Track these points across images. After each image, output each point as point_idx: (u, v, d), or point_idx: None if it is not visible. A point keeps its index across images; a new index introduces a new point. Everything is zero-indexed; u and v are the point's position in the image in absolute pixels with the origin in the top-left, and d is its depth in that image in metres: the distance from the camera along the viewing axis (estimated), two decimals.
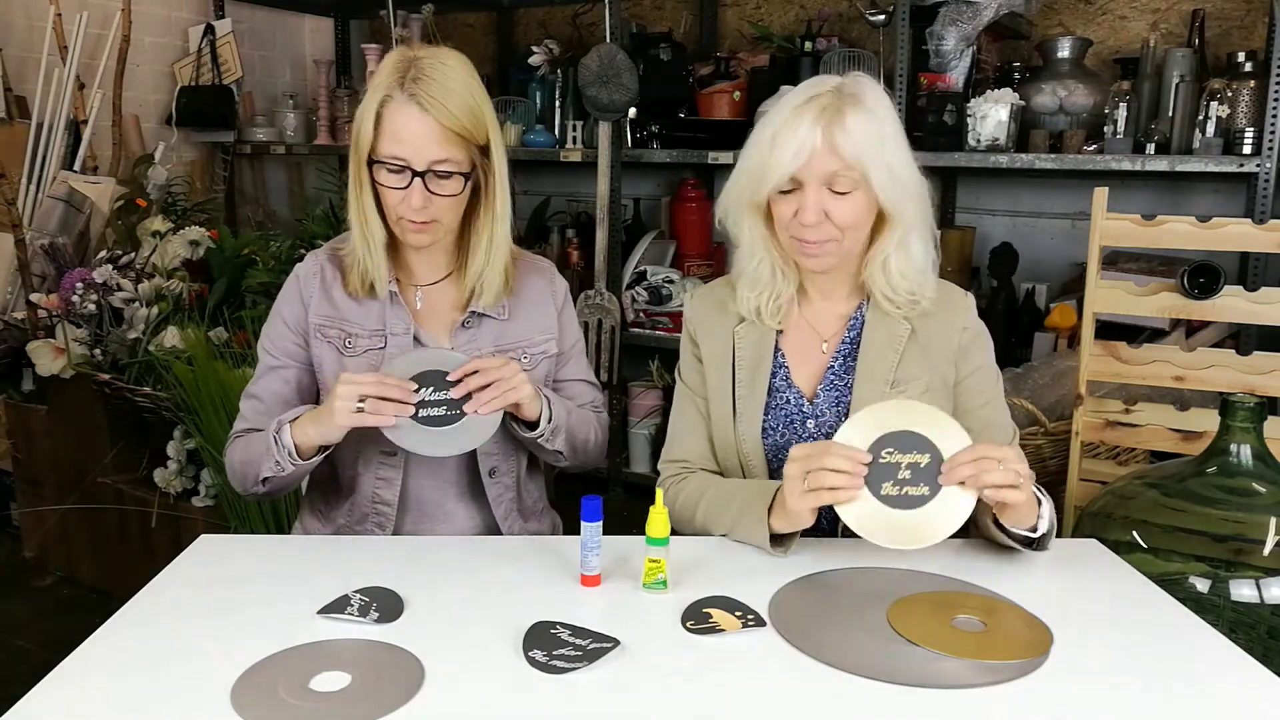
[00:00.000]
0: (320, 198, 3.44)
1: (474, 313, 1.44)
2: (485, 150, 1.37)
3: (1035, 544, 1.24)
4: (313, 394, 1.47)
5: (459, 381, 1.29)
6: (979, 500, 1.16)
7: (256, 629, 1.07)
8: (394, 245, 1.44)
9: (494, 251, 1.42)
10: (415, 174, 1.31)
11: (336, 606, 1.10)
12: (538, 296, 1.51)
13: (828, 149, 1.25)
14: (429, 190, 1.32)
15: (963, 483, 1.15)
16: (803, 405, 1.39)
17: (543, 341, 1.50)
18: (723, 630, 1.07)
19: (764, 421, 1.39)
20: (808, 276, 1.40)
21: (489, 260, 1.42)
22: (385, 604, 1.11)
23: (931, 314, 1.37)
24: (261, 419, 1.42)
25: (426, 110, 1.29)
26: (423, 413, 1.29)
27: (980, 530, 1.27)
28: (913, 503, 1.16)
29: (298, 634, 1.06)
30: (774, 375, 1.40)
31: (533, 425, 1.39)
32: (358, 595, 1.13)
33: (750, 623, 1.08)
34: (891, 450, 1.17)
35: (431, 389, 1.29)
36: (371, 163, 1.33)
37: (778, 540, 1.26)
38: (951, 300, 1.40)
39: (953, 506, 1.16)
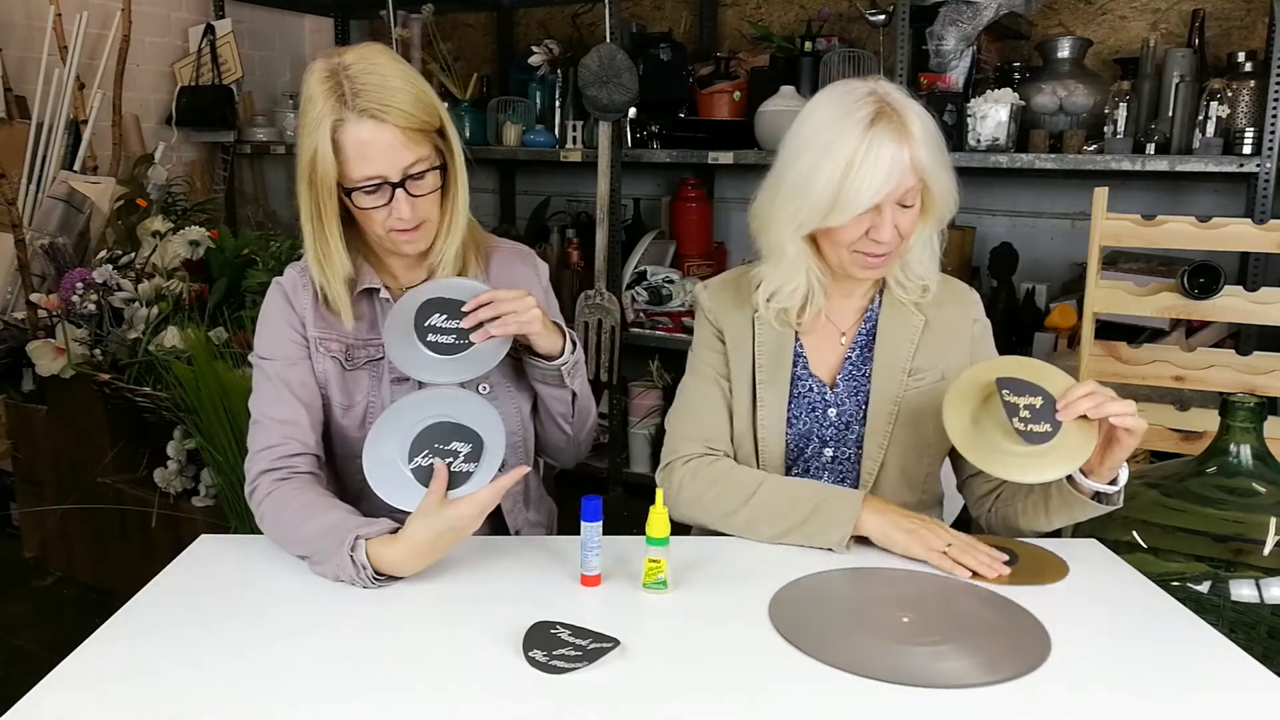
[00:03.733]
0: None
1: None
2: (441, 131, 1.33)
3: (1106, 497, 1.26)
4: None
5: (472, 312, 1.28)
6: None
7: (257, 629, 1.07)
8: (370, 252, 1.40)
9: (457, 220, 1.38)
10: (394, 186, 1.26)
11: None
12: (523, 284, 1.47)
13: (913, 168, 1.26)
14: (411, 195, 1.28)
15: (1084, 416, 1.18)
16: (825, 393, 1.40)
17: None
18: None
19: (788, 410, 1.40)
20: (838, 282, 1.40)
21: (450, 232, 1.37)
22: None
23: (943, 306, 1.41)
24: (292, 431, 1.33)
25: (384, 120, 1.24)
26: (430, 338, 1.28)
27: (1053, 494, 1.29)
28: (1039, 438, 1.20)
29: (297, 634, 1.06)
30: (794, 364, 1.41)
31: (550, 360, 1.36)
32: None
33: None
34: (1008, 391, 1.21)
35: (444, 316, 1.29)
36: (348, 191, 1.27)
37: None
38: (961, 295, 1.45)
39: (1077, 439, 1.19)
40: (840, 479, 1.41)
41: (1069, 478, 1.25)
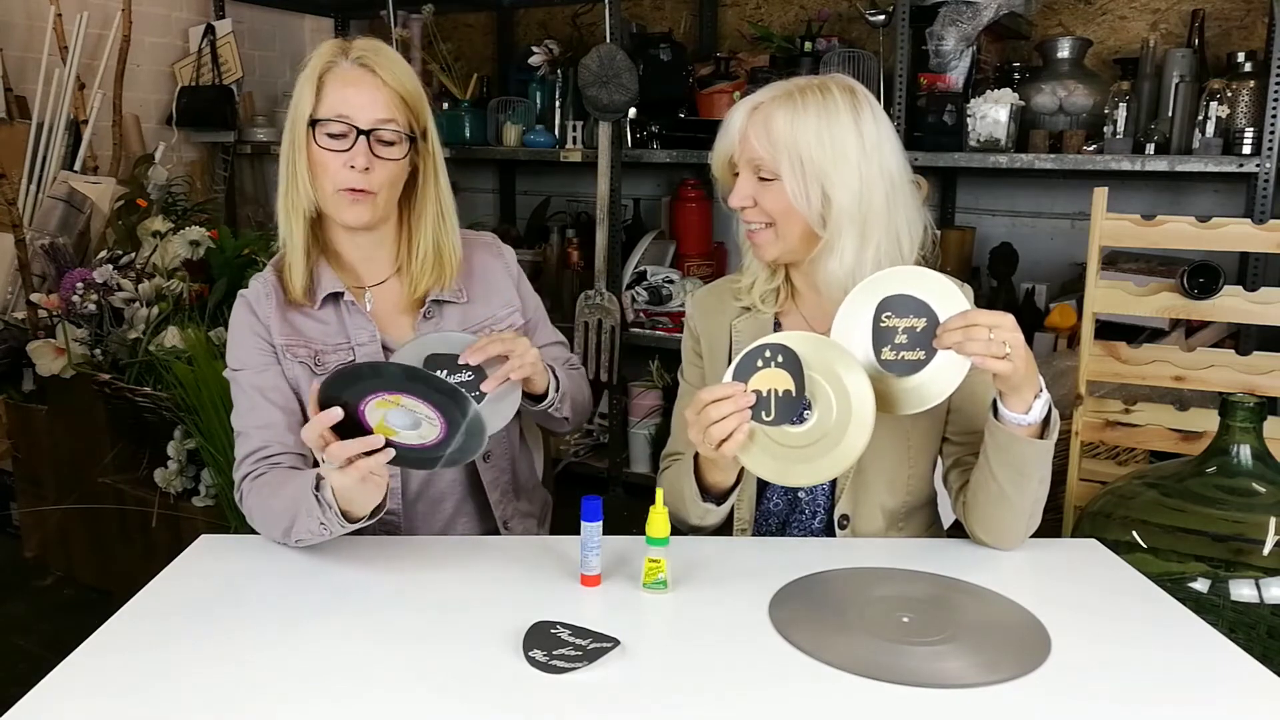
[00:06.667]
0: None
1: (434, 301, 1.42)
2: (423, 134, 1.36)
3: (1044, 434, 1.22)
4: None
5: (468, 365, 1.27)
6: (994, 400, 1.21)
7: (257, 629, 1.07)
8: (329, 251, 1.40)
9: (445, 226, 1.40)
10: (360, 133, 1.28)
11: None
12: (492, 273, 1.49)
13: (743, 139, 1.31)
14: (373, 153, 1.29)
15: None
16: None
17: (507, 316, 1.49)
18: (790, 393, 1.14)
19: None
20: (792, 271, 1.41)
21: (432, 238, 1.39)
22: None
23: None
24: (271, 434, 1.33)
25: (374, 72, 1.30)
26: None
27: (987, 441, 1.25)
28: (909, 368, 1.18)
29: (297, 634, 1.06)
30: None
31: (538, 399, 1.38)
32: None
33: (781, 362, 1.15)
34: (890, 314, 1.18)
35: (444, 373, 1.27)
36: (313, 125, 1.29)
37: (714, 495, 1.30)
38: None
39: (947, 372, 1.17)
40: (817, 483, 1.41)
41: (995, 413, 1.22)
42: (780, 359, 1.16)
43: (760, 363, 1.16)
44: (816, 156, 1.26)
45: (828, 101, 1.28)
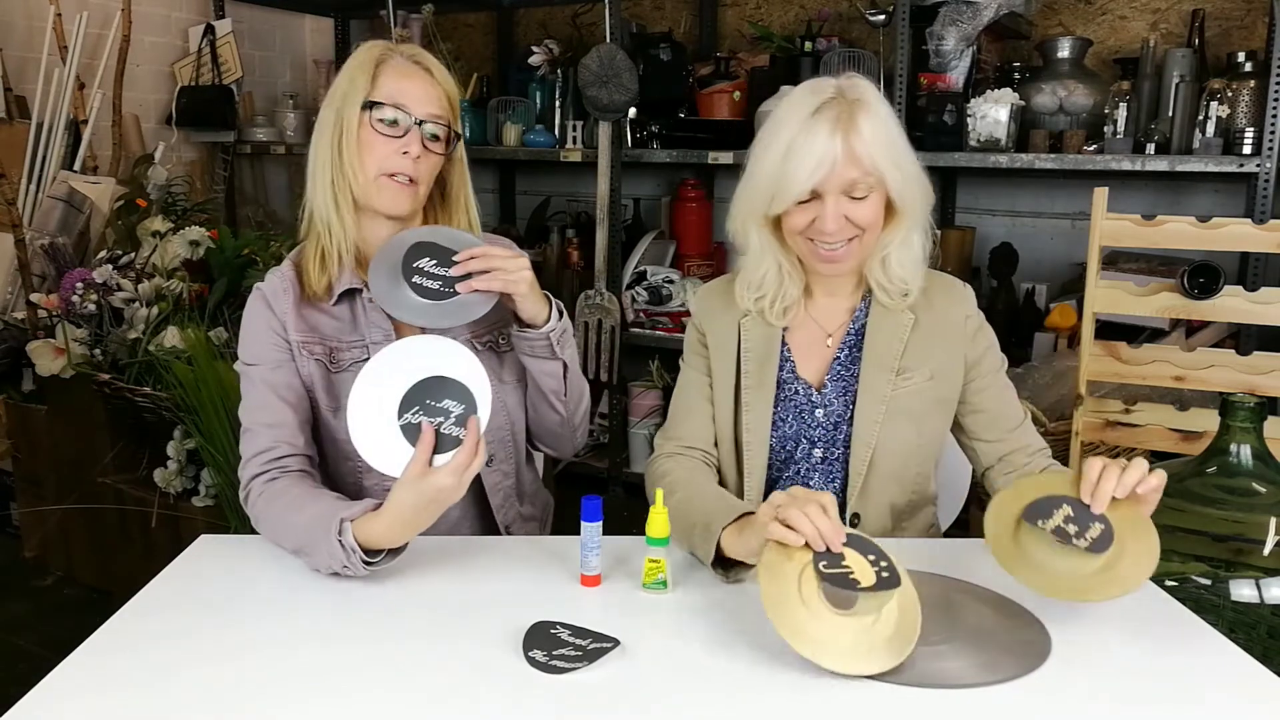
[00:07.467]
0: None
1: None
2: (457, 139, 1.40)
3: None
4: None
5: (454, 261, 1.28)
6: None
7: (257, 629, 1.07)
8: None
9: (473, 224, 1.43)
10: (415, 122, 1.32)
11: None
12: None
13: (848, 159, 1.25)
14: (423, 144, 1.33)
15: (1114, 498, 1.10)
16: (811, 395, 1.40)
17: None
18: (858, 582, 1.02)
19: (774, 413, 1.40)
20: (814, 277, 1.40)
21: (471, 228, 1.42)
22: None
23: (934, 304, 1.39)
24: (280, 434, 1.33)
25: (429, 71, 1.36)
26: (416, 279, 1.28)
27: None
28: (1103, 543, 1.10)
29: (297, 634, 1.06)
30: (780, 368, 1.41)
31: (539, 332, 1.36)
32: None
33: (883, 572, 1.03)
34: (1041, 521, 1.12)
35: (434, 261, 1.29)
36: (368, 107, 1.31)
37: (725, 563, 1.18)
38: (952, 290, 1.42)
39: (1131, 524, 1.11)
40: (829, 480, 1.41)
41: None
42: (885, 573, 1.06)
43: (871, 556, 1.08)
44: (901, 152, 1.29)
45: (875, 97, 1.29)
